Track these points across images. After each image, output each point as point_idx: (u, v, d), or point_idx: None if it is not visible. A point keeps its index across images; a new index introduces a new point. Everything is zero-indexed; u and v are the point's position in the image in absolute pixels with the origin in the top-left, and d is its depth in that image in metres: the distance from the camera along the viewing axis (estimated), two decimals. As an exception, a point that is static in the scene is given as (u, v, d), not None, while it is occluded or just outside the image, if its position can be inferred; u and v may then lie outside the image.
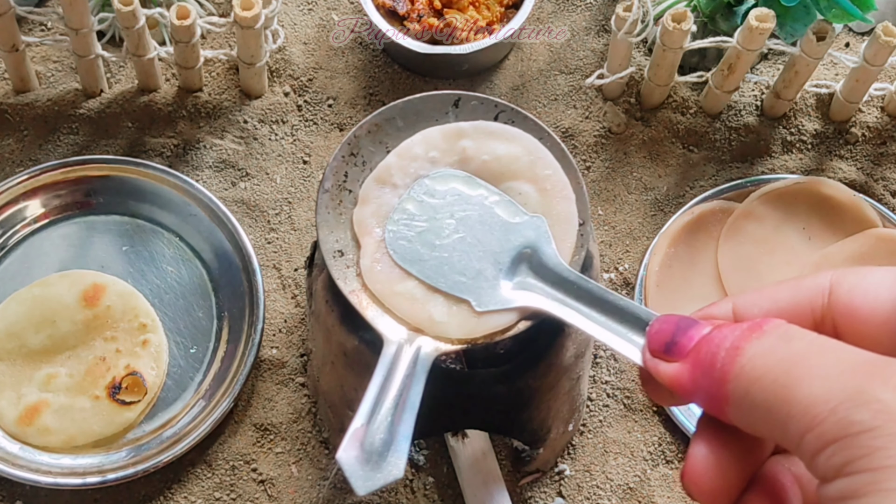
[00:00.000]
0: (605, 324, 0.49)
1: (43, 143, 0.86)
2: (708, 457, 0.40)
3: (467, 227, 0.57)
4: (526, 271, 0.56)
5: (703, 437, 0.41)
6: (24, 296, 0.78)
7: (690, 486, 0.40)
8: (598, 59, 0.92)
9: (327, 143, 0.89)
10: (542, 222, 0.57)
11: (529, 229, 0.57)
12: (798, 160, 0.89)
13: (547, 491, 0.77)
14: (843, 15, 0.80)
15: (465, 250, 0.57)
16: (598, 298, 0.50)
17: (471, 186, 0.59)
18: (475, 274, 0.56)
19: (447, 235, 0.57)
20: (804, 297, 0.41)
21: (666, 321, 0.43)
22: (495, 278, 0.56)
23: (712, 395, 0.39)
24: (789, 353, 0.37)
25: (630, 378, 0.81)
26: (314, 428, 0.78)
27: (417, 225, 0.58)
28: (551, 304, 0.53)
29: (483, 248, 0.57)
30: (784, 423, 0.36)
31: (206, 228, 0.82)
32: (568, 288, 0.53)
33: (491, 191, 0.59)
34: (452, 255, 0.57)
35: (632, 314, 0.48)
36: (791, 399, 0.35)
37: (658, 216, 0.87)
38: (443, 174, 0.60)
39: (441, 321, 0.57)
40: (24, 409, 0.75)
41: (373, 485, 0.50)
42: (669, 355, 0.42)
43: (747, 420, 0.38)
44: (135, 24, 0.80)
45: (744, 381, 0.37)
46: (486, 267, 0.56)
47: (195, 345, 0.79)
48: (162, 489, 0.76)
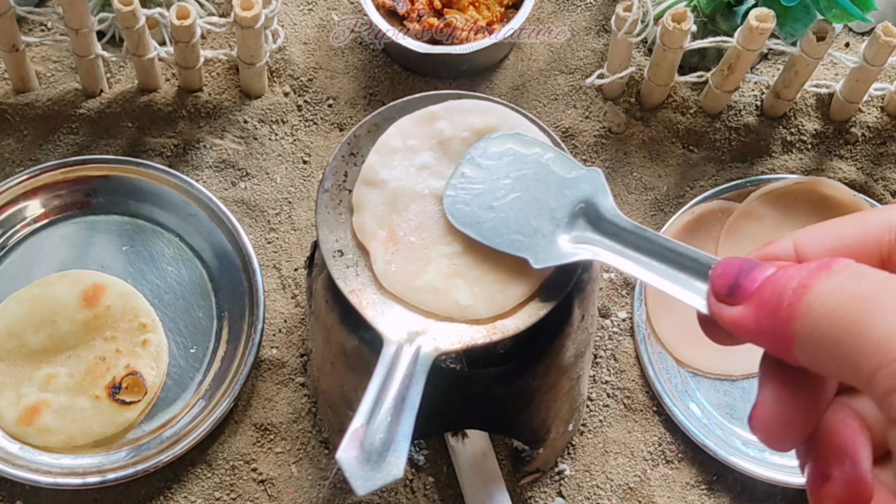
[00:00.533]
0: (665, 273, 0.48)
1: (43, 143, 0.86)
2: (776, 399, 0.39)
3: (523, 185, 0.57)
4: (584, 225, 0.55)
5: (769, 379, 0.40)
6: (24, 296, 0.78)
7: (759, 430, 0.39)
8: (598, 59, 0.92)
9: (327, 143, 0.89)
10: (598, 175, 0.57)
11: (585, 183, 0.56)
12: (798, 160, 0.89)
13: (547, 491, 0.77)
14: (843, 15, 0.80)
15: (522, 209, 0.57)
16: (658, 246, 0.50)
17: (526, 145, 0.59)
18: (533, 231, 0.56)
19: (503, 196, 0.57)
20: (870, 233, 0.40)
21: (729, 264, 0.42)
22: (553, 234, 0.55)
23: (778, 334, 0.38)
24: (861, 289, 0.36)
25: (630, 378, 0.81)
26: (314, 428, 0.78)
27: (474, 188, 0.58)
28: (610, 256, 0.52)
29: (540, 206, 0.56)
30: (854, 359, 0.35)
31: (206, 228, 0.82)
32: (626, 238, 0.52)
33: (546, 148, 0.59)
34: (510, 214, 0.57)
35: (693, 260, 0.47)
36: (862, 334, 0.35)
37: (658, 216, 0.87)
38: (498, 136, 0.60)
39: (468, 304, 0.57)
40: (24, 409, 0.75)
41: (373, 485, 0.50)
42: (733, 298, 0.41)
43: (815, 358, 0.37)
44: (135, 24, 0.80)
45: (812, 318, 0.36)
46: (544, 224, 0.56)
47: (195, 345, 0.79)
48: (162, 489, 0.76)
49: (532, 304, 0.58)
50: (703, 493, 0.78)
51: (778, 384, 0.40)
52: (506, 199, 0.57)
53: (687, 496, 0.77)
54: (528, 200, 0.57)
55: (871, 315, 0.35)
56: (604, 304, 0.83)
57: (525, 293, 0.57)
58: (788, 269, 0.39)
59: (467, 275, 0.58)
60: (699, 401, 0.80)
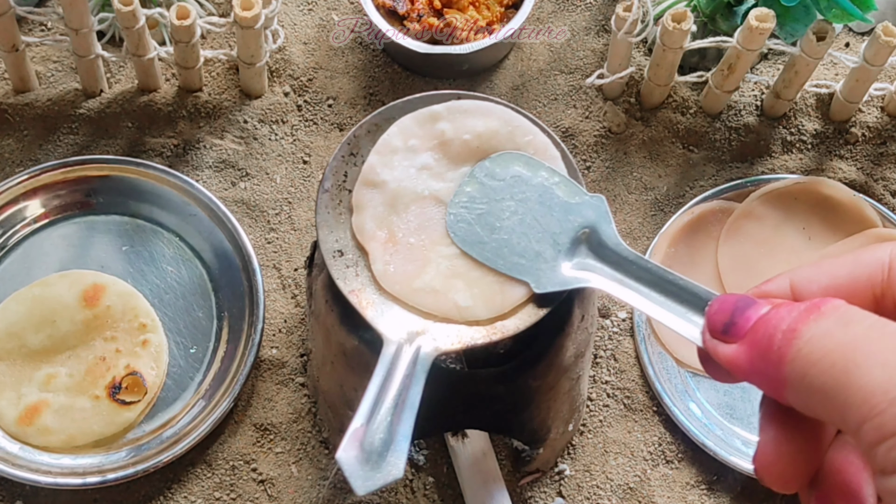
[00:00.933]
0: (664, 304, 0.49)
1: (43, 143, 0.86)
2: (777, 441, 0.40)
3: (527, 208, 0.57)
4: (585, 252, 0.56)
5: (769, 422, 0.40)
6: (24, 296, 0.78)
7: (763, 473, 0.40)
8: (598, 59, 0.92)
9: (327, 143, 0.89)
10: (602, 202, 0.57)
11: (589, 209, 0.57)
12: (798, 160, 0.89)
13: (547, 491, 0.77)
14: (843, 15, 0.80)
15: (525, 232, 0.57)
16: (658, 278, 0.50)
17: (532, 168, 0.59)
18: (534, 255, 0.56)
19: (507, 217, 0.58)
20: (863, 272, 0.41)
21: (724, 301, 0.43)
22: (554, 259, 0.56)
23: (770, 377, 0.38)
24: (847, 337, 0.36)
25: (630, 378, 0.81)
26: (314, 428, 0.78)
27: (478, 208, 0.58)
28: (610, 285, 0.53)
29: (542, 229, 0.57)
30: (842, 409, 0.35)
31: (206, 228, 0.82)
32: (627, 268, 0.53)
33: (552, 172, 0.59)
34: (512, 237, 0.57)
35: (692, 294, 0.47)
36: (849, 385, 0.35)
37: (658, 216, 0.87)
38: (504, 156, 0.60)
39: (467, 306, 0.57)
40: (24, 409, 0.75)
41: (372, 485, 0.50)
42: (728, 336, 0.41)
43: (806, 403, 0.37)
44: (135, 24, 0.80)
45: (801, 365, 0.37)
46: (545, 248, 0.56)
47: (195, 345, 0.79)
48: (162, 489, 0.76)
49: (532, 304, 0.58)
50: (703, 493, 0.78)
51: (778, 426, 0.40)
52: (509, 220, 0.57)
53: (687, 496, 0.77)
54: (530, 224, 0.57)
55: (856, 366, 0.35)
56: (604, 304, 0.83)
57: (524, 295, 0.57)
58: (780, 309, 0.39)
59: (467, 276, 0.58)
60: (699, 401, 0.80)
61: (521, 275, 0.56)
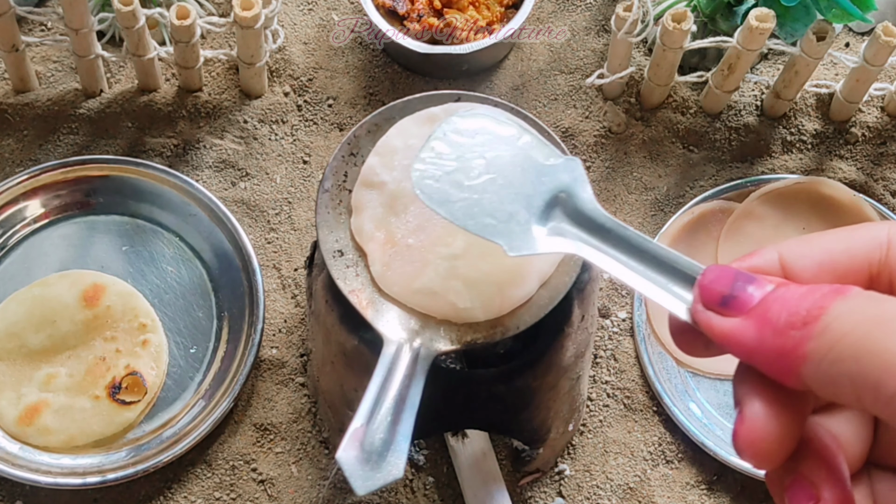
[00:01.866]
0: (643, 273, 0.46)
1: (43, 143, 0.86)
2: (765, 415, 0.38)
3: (498, 168, 0.53)
4: (560, 216, 0.51)
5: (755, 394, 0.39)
6: (24, 296, 0.78)
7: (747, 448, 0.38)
8: (598, 59, 0.92)
9: (327, 143, 0.89)
10: (577, 165, 0.53)
11: (564, 172, 0.53)
12: (798, 160, 0.89)
13: (547, 491, 0.77)
14: (843, 15, 0.80)
15: (496, 192, 0.52)
16: (637, 247, 0.47)
17: (500, 125, 0.55)
18: (507, 217, 0.52)
19: (477, 176, 0.53)
20: (859, 249, 0.39)
21: (723, 272, 0.41)
22: (528, 222, 0.51)
23: (784, 353, 0.37)
24: (881, 310, 0.35)
25: (630, 378, 0.81)
26: (314, 428, 0.78)
27: (445, 164, 0.54)
28: (587, 250, 0.49)
29: (515, 191, 0.52)
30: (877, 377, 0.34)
31: (206, 228, 0.82)
32: (605, 235, 0.49)
33: (521, 130, 0.55)
34: (483, 196, 0.53)
35: (673, 264, 0.45)
36: (886, 352, 0.34)
37: (658, 216, 0.87)
38: (472, 112, 0.56)
39: (465, 307, 0.57)
40: (24, 409, 0.75)
41: (372, 485, 0.50)
42: (727, 309, 0.39)
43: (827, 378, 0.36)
44: (135, 24, 0.80)
45: (828, 338, 0.35)
46: (519, 210, 0.52)
47: (195, 345, 0.79)
48: (162, 489, 0.76)
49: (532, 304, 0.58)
50: (703, 493, 0.78)
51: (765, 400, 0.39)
52: (479, 179, 0.53)
53: (687, 496, 0.77)
54: (502, 184, 0.53)
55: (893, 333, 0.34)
56: (604, 304, 0.83)
57: (524, 297, 0.57)
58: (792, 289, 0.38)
59: (466, 277, 0.57)
60: (699, 401, 0.80)
61: (493, 236, 0.51)
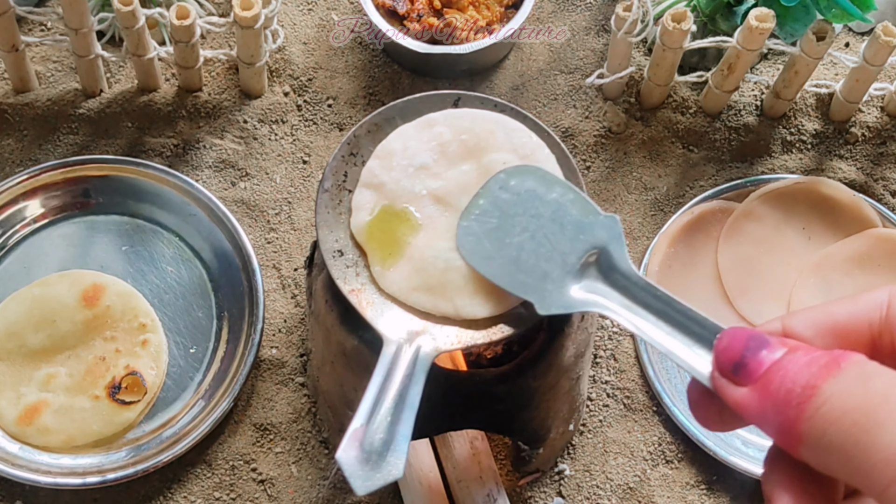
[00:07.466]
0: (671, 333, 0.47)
1: (43, 143, 0.86)
2: None
3: (539, 224, 0.55)
4: (595, 274, 0.53)
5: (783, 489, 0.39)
6: (24, 296, 0.78)
7: None
8: (598, 58, 0.92)
9: (327, 143, 0.89)
10: (616, 223, 0.54)
11: (602, 229, 0.54)
12: (798, 160, 0.89)
13: (547, 491, 0.77)
14: (843, 15, 0.80)
15: (534, 249, 0.55)
16: (668, 307, 0.48)
17: (547, 184, 0.57)
18: (542, 275, 0.54)
19: (518, 233, 0.55)
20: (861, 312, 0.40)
21: (735, 337, 0.41)
22: (562, 280, 0.53)
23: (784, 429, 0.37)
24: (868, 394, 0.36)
25: (630, 378, 0.81)
26: (314, 428, 0.78)
27: (489, 221, 0.57)
28: (617, 310, 0.51)
29: (552, 248, 0.54)
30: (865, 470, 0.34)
31: (206, 228, 0.82)
32: (636, 294, 0.50)
33: (567, 188, 0.57)
34: (521, 254, 0.55)
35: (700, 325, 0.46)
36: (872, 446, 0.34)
37: (658, 216, 0.87)
38: (520, 169, 0.58)
39: (465, 305, 0.57)
40: (23, 408, 0.75)
41: (372, 485, 0.50)
42: (738, 377, 0.40)
43: (823, 462, 0.37)
44: (135, 24, 0.80)
45: (820, 423, 0.36)
46: (553, 268, 0.54)
47: (195, 345, 0.79)
48: (162, 489, 0.76)
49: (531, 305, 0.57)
50: (703, 493, 0.78)
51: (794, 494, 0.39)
52: (519, 237, 0.55)
53: (687, 496, 0.77)
54: (541, 241, 0.55)
55: (878, 426, 0.35)
56: (604, 304, 0.83)
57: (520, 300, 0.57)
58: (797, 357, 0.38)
59: (465, 276, 0.57)
60: (699, 401, 0.80)
61: (526, 294, 0.54)
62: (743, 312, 0.82)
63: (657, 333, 0.48)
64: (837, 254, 0.83)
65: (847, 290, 0.82)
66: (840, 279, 0.82)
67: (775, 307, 0.81)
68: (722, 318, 0.82)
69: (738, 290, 0.82)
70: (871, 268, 0.82)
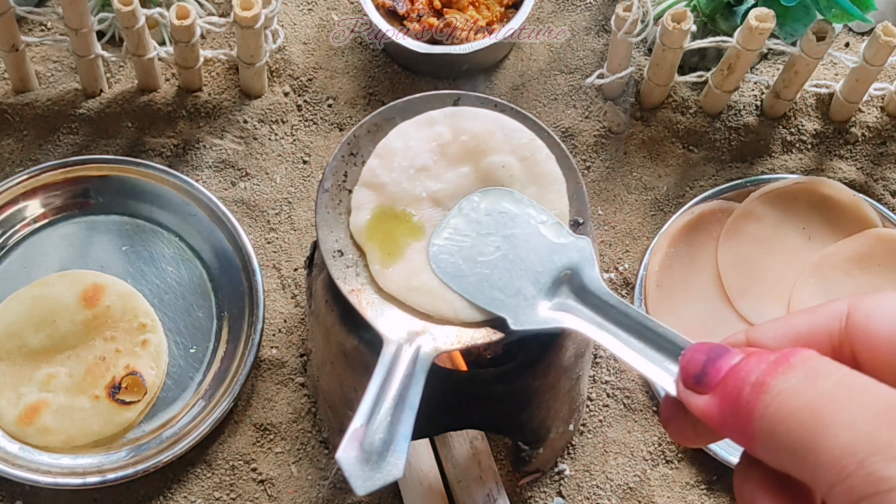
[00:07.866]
0: (642, 351, 0.48)
1: (43, 143, 0.86)
2: None
3: (511, 245, 0.57)
4: (566, 292, 0.55)
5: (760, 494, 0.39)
6: (24, 296, 0.78)
7: None
8: (598, 59, 0.92)
9: (327, 143, 0.89)
10: (587, 244, 0.57)
11: (573, 251, 0.56)
12: (798, 160, 0.89)
13: (547, 491, 0.77)
14: (843, 15, 0.80)
15: (507, 268, 0.57)
16: (638, 324, 0.49)
17: (519, 206, 0.59)
18: (514, 292, 0.56)
19: (490, 252, 0.57)
20: (821, 322, 0.41)
21: (697, 350, 0.42)
22: (534, 297, 0.55)
23: (739, 430, 0.38)
24: (815, 394, 0.36)
25: (630, 378, 0.81)
26: (314, 428, 0.78)
27: (462, 240, 0.58)
28: (588, 328, 0.52)
29: (525, 267, 0.56)
30: (812, 470, 0.35)
31: (206, 228, 0.82)
32: (608, 312, 0.52)
33: (539, 210, 0.59)
34: (493, 272, 0.57)
35: (670, 342, 0.47)
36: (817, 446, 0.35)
37: (658, 216, 0.87)
38: (493, 191, 0.60)
39: (462, 306, 0.57)
40: (23, 408, 0.75)
41: (372, 485, 0.50)
42: (700, 387, 0.40)
43: (776, 460, 0.37)
44: (135, 24, 0.80)
45: (769, 422, 0.36)
46: (526, 286, 0.56)
47: (195, 345, 0.79)
48: (162, 489, 0.76)
49: None
50: (703, 493, 0.78)
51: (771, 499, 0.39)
52: (492, 256, 0.57)
53: (687, 496, 0.77)
54: (513, 260, 0.57)
55: (824, 426, 0.35)
56: (604, 304, 0.83)
57: None
58: (750, 359, 0.39)
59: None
60: (699, 401, 0.80)
61: (499, 310, 0.55)
62: (743, 312, 0.82)
63: (628, 351, 0.49)
64: (837, 254, 0.83)
65: (847, 290, 0.82)
66: (840, 279, 0.82)
67: (775, 307, 0.81)
68: (722, 318, 0.82)
69: (738, 290, 0.82)
70: (871, 268, 0.82)
